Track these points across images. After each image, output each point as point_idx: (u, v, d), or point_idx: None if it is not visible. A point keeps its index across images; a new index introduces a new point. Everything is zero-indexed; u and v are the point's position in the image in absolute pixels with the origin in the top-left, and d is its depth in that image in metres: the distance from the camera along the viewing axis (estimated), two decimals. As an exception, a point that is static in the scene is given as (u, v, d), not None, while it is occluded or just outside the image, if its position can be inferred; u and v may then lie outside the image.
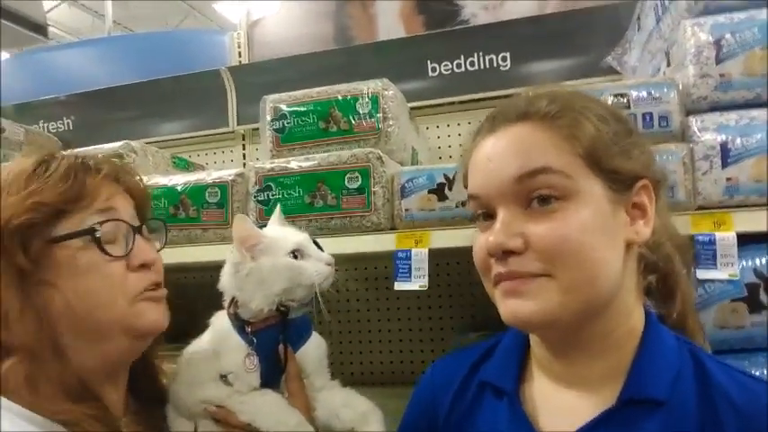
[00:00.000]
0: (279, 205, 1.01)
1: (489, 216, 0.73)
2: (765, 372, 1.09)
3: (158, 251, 0.86)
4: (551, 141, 0.70)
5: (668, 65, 1.33)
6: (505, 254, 0.69)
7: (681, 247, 0.83)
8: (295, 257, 0.88)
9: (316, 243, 0.96)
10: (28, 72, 2.44)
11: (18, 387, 0.71)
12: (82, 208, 0.76)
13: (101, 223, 0.76)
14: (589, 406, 0.73)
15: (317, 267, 0.89)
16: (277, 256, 0.88)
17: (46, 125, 2.34)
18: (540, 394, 0.79)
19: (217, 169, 2.15)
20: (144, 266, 0.80)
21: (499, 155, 0.72)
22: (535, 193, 0.69)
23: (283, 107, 1.48)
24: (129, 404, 0.86)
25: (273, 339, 0.88)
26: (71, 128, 2.34)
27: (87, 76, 2.44)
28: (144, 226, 0.84)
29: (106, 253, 0.75)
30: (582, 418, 0.72)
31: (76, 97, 2.33)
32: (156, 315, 0.80)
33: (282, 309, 0.89)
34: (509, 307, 0.71)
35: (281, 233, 0.93)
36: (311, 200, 1.36)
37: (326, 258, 0.90)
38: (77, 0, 9.25)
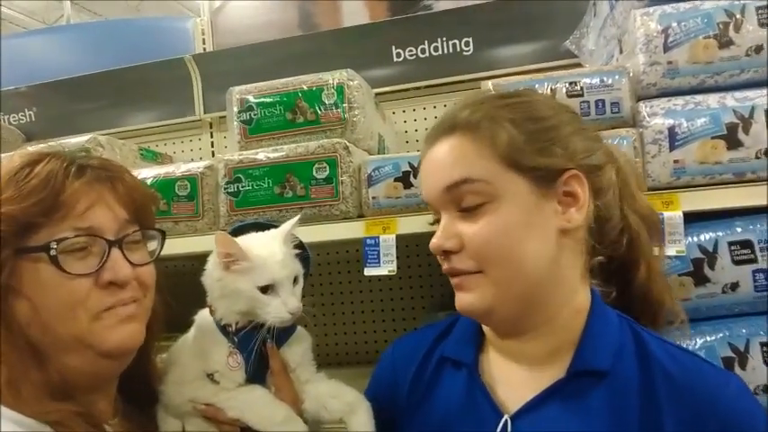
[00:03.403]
0: (297, 217, 0.96)
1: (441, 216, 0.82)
2: (707, 339, 1.18)
3: (151, 261, 0.84)
4: (473, 150, 0.78)
5: (621, 52, 1.39)
6: (446, 253, 0.79)
7: (647, 220, 0.90)
8: (264, 291, 0.86)
9: (301, 245, 0.96)
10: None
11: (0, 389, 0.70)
12: (55, 221, 0.73)
13: (60, 240, 0.73)
14: (541, 378, 0.79)
15: (278, 311, 0.86)
16: (246, 283, 0.86)
17: (7, 117, 2.29)
18: (495, 368, 0.85)
19: (185, 158, 2.17)
20: (113, 284, 0.76)
21: (432, 168, 0.82)
22: (463, 200, 0.78)
23: (250, 98, 1.49)
24: (119, 405, 0.86)
25: (255, 338, 0.88)
26: (34, 119, 2.29)
27: (49, 66, 2.39)
28: (134, 234, 0.81)
29: (63, 270, 0.73)
30: (535, 390, 0.79)
31: (39, 88, 2.28)
32: (121, 335, 0.77)
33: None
34: (457, 298, 0.82)
35: (269, 258, 0.88)
36: (281, 191, 1.38)
37: (291, 307, 0.86)
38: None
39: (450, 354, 0.89)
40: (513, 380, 0.82)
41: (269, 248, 0.89)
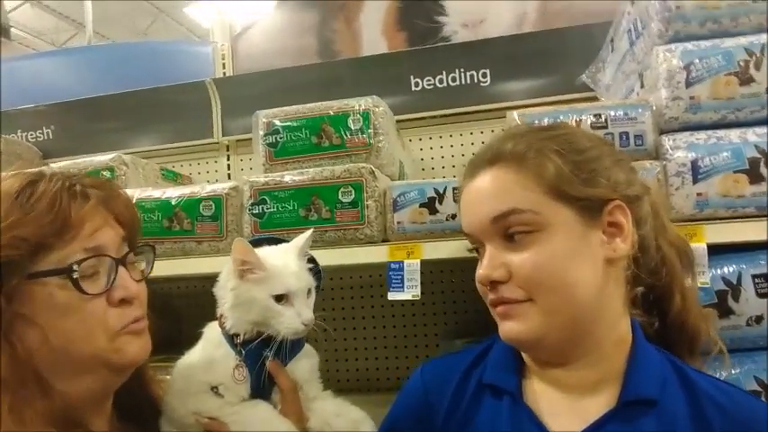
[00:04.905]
0: (311, 231, 0.97)
1: (483, 246, 0.83)
2: (732, 372, 1.18)
3: (144, 278, 0.83)
4: (518, 182, 0.80)
5: (642, 86, 1.42)
6: (493, 283, 0.80)
7: (679, 250, 0.92)
8: (279, 300, 0.87)
9: (312, 260, 0.97)
10: (5, 81, 2.40)
11: (3, 417, 0.69)
12: (65, 242, 0.72)
13: (80, 261, 0.72)
14: (587, 408, 0.80)
15: (292, 322, 0.86)
16: (261, 292, 0.86)
17: (25, 135, 2.31)
18: (539, 396, 0.85)
19: (202, 180, 2.19)
20: (125, 301, 0.77)
21: (475, 199, 0.83)
22: (510, 230, 0.79)
23: (276, 122, 1.51)
24: (115, 424, 0.85)
25: (263, 352, 0.88)
26: (51, 137, 2.31)
27: (69, 86, 2.42)
28: (130, 253, 0.81)
29: (84, 292, 0.72)
30: (582, 419, 0.79)
31: (57, 107, 2.30)
32: (136, 349, 0.78)
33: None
34: (503, 327, 0.82)
35: (285, 269, 0.89)
36: (306, 213, 1.40)
37: (305, 318, 0.87)
38: (41, 0, 9.02)
39: (491, 380, 0.88)
40: (558, 409, 0.82)
41: (284, 259, 0.91)
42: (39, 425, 0.71)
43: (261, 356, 0.88)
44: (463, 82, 1.99)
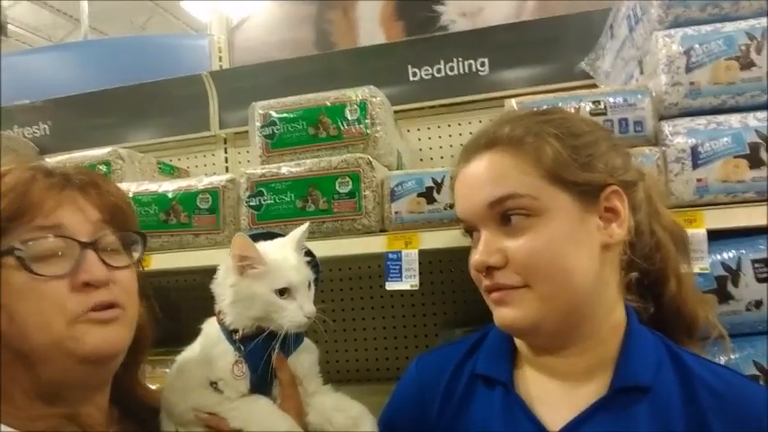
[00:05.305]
0: (307, 224, 0.96)
1: (477, 231, 0.82)
2: (732, 356, 1.17)
3: (129, 266, 0.80)
4: (516, 166, 0.78)
5: (641, 72, 1.41)
6: (489, 269, 0.79)
7: (674, 235, 0.91)
8: (280, 294, 0.86)
9: (309, 253, 0.96)
10: (2, 77, 2.40)
11: None
12: (22, 224, 0.72)
13: (25, 241, 0.71)
14: (579, 395, 0.79)
15: (294, 315, 0.86)
16: (263, 287, 0.86)
17: (22, 130, 2.31)
18: (531, 385, 0.84)
19: (199, 173, 2.18)
20: (89, 286, 0.73)
21: (472, 183, 0.82)
22: (507, 214, 0.78)
23: (273, 113, 1.51)
24: (115, 418, 0.85)
25: (262, 347, 0.88)
26: (48, 133, 2.30)
27: (64, 81, 2.41)
28: (109, 237, 0.78)
29: (32, 272, 0.70)
30: (574, 406, 0.78)
31: (54, 102, 2.30)
32: (98, 339, 0.73)
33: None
34: (499, 314, 0.81)
35: (285, 263, 0.88)
36: (303, 204, 1.39)
37: (308, 311, 0.87)
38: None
39: (484, 370, 0.87)
40: (551, 397, 0.81)
41: (282, 253, 0.90)
42: (28, 402, 0.72)
43: (264, 352, 0.87)
44: (461, 71, 1.97)
